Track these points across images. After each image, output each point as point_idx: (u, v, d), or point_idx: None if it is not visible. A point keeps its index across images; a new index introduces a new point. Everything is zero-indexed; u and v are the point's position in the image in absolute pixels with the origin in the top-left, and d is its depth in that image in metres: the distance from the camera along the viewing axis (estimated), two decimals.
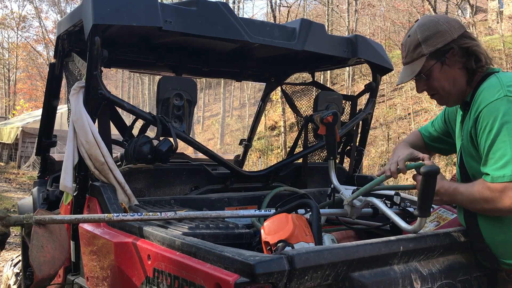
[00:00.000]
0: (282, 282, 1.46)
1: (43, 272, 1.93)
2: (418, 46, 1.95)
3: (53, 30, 40.09)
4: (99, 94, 2.51)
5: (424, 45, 1.93)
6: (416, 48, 1.96)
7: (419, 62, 1.95)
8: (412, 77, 1.98)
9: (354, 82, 24.50)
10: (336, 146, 2.77)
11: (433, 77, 1.96)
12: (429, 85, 2.00)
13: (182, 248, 1.73)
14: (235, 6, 31.02)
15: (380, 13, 29.08)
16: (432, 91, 2.02)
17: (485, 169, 1.79)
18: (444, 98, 2.02)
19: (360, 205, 2.39)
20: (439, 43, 1.92)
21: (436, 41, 1.92)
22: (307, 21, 3.03)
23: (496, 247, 1.89)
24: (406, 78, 2.01)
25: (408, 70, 2.01)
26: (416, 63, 1.96)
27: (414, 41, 1.97)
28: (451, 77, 1.95)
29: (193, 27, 2.58)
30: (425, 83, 2.00)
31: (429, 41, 1.93)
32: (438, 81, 1.96)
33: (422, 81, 2.00)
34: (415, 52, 1.96)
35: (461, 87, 1.96)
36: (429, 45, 1.93)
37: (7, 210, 9.02)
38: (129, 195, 2.54)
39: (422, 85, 2.02)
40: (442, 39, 1.91)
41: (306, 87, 3.92)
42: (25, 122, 21.55)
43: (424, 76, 1.97)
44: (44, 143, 3.41)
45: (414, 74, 1.97)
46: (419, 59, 1.95)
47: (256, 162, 20.56)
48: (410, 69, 1.99)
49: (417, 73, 1.97)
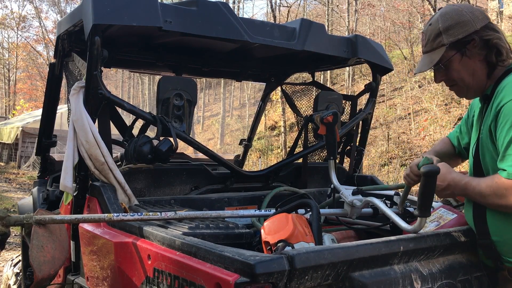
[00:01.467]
0: (282, 282, 1.46)
1: (43, 272, 1.93)
2: (438, 35, 1.91)
3: (53, 30, 40.10)
4: (99, 94, 2.51)
5: (445, 35, 1.90)
6: (436, 37, 1.92)
7: (439, 52, 1.92)
8: (430, 66, 1.95)
9: (354, 82, 24.49)
10: (336, 146, 2.77)
11: (452, 68, 1.93)
12: (447, 75, 1.97)
13: (182, 248, 1.73)
14: (235, 6, 31.02)
15: (380, 13, 29.08)
16: (451, 82, 1.99)
17: (501, 165, 1.76)
18: (463, 90, 1.99)
19: (360, 205, 2.39)
20: (461, 34, 1.88)
21: (457, 31, 1.88)
22: (307, 21, 3.03)
23: (502, 244, 1.88)
24: (425, 67, 1.98)
25: (427, 59, 1.97)
26: (436, 52, 1.93)
27: (435, 30, 1.93)
28: (471, 69, 1.92)
29: (193, 27, 2.58)
30: (444, 73, 1.97)
31: (450, 31, 1.89)
32: (457, 72, 1.93)
33: (441, 71, 1.97)
34: (435, 42, 1.93)
35: (481, 79, 1.93)
36: (450, 35, 1.89)
37: (7, 210, 9.01)
38: (129, 195, 2.54)
39: (440, 75, 1.99)
40: (464, 30, 1.88)
41: (306, 87, 3.92)
42: (25, 122, 21.56)
43: (443, 67, 1.94)
44: (44, 143, 3.41)
45: (433, 64, 1.94)
46: (438, 49, 1.92)
47: (256, 162, 20.56)
48: (429, 58, 1.96)
49: (435, 63, 1.93)
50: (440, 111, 18.04)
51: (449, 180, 1.86)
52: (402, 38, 26.84)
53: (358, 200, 2.40)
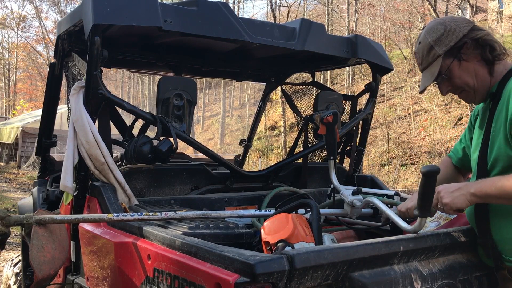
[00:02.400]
0: (282, 282, 1.46)
1: (43, 272, 1.93)
2: (431, 49, 1.93)
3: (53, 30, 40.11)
4: (99, 94, 2.51)
5: (437, 47, 1.92)
6: (429, 51, 1.94)
7: (436, 64, 1.93)
8: (433, 79, 1.96)
9: (354, 82, 24.49)
10: (336, 146, 2.77)
11: (454, 75, 1.94)
12: (452, 84, 1.97)
13: (182, 248, 1.73)
14: (235, 6, 31.02)
15: (380, 13, 29.06)
16: (458, 90, 1.99)
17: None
18: (471, 94, 1.98)
19: (360, 205, 2.39)
20: (452, 41, 1.90)
21: (447, 39, 1.91)
22: (307, 21, 3.03)
23: (504, 243, 1.87)
24: (427, 82, 1.98)
25: (427, 74, 1.98)
26: (434, 65, 1.94)
27: (426, 45, 1.95)
28: (472, 71, 1.93)
29: (193, 27, 2.58)
30: (448, 83, 1.98)
31: (441, 41, 1.91)
32: (460, 78, 1.94)
33: (445, 82, 1.98)
34: (429, 56, 1.94)
35: (484, 79, 1.94)
36: (442, 45, 1.91)
37: (7, 210, 9.01)
38: (129, 195, 2.54)
39: (445, 86, 1.99)
40: (454, 37, 1.90)
41: (306, 87, 3.92)
42: (25, 122, 21.56)
43: (445, 76, 1.95)
44: (44, 143, 3.41)
45: (434, 77, 1.95)
46: (435, 61, 1.93)
47: (256, 162, 20.56)
48: (429, 73, 1.97)
49: (436, 75, 1.94)
50: (440, 111, 18.05)
51: (458, 185, 1.85)
52: (402, 38, 26.84)
53: (358, 200, 2.40)
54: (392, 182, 14.78)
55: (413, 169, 15.78)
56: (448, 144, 15.70)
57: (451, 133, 16.62)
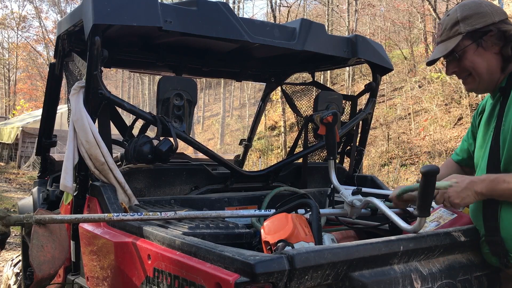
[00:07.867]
0: (282, 282, 1.46)
1: (43, 271, 1.93)
2: (456, 24, 1.90)
3: (53, 30, 40.11)
4: (99, 94, 2.51)
5: (462, 24, 1.89)
6: (453, 26, 1.91)
7: (454, 40, 1.90)
8: (444, 53, 1.93)
9: (354, 82, 24.49)
10: (336, 146, 2.77)
11: (466, 57, 1.91)
12: (461, 66, 1.95)
13: (182, 248, 1.73)
14: (235, 6, 31.02)
15: (380, 13, 29.08)
16: (464, 73, 1.96)
17: None
18: (475, 82, 1.95)
19: (360, 205, 2.39)
20: (478, 24, 1.87)
21: (475, 21, 1.88)
22: (307, 21, 3.03)
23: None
24: (438, 54, 1.96)
25: (441, 47, 1.95)
26: (451, 41, 1.91)
27: (453, 19, 1.92)
28: (485, 61, 1.90)
29: (193, 27, 2.58)
30: (457, 64, 1.95)
31: (468, 20, 1.88)
32: (471, 63, 1.91)
33: (454, 62, 1.95)
34: (452, 30, 1.91)
35: (494, 73, 1.91)
36: (467, 24, 1.88)
37: (7, 210, 9.01)
38: (129, 195, 2.54)
39: (453, 66, 1.97)
40: (482, 20, 1.87)
41: (306, 87, 3.92)
42: (25, 122, 21.56)
43: (457, 55, 1.92)
44: (44, 143, 3.41)
45: (447, 51, 1.92)
46: (454, 37, 1.90)
47: (256, 162, 20.56)
48: (444, 46, 1.94)
49: (450, 50, 1.91)
50: (440, 111, 18.05)
51: (470, 179, 1.83)
52: (402, 38, 26.86)
53: (358, 200, 2.41)
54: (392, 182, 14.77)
55: (413, 169, 15.78)
56: (448, 144, 15.71)
57: (451, 133, 16.62)
